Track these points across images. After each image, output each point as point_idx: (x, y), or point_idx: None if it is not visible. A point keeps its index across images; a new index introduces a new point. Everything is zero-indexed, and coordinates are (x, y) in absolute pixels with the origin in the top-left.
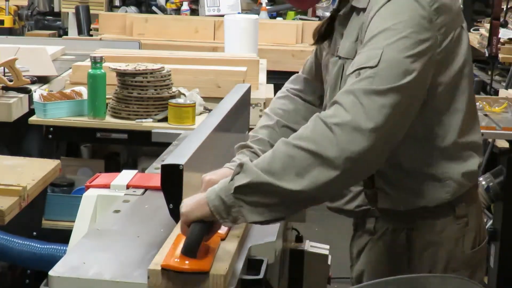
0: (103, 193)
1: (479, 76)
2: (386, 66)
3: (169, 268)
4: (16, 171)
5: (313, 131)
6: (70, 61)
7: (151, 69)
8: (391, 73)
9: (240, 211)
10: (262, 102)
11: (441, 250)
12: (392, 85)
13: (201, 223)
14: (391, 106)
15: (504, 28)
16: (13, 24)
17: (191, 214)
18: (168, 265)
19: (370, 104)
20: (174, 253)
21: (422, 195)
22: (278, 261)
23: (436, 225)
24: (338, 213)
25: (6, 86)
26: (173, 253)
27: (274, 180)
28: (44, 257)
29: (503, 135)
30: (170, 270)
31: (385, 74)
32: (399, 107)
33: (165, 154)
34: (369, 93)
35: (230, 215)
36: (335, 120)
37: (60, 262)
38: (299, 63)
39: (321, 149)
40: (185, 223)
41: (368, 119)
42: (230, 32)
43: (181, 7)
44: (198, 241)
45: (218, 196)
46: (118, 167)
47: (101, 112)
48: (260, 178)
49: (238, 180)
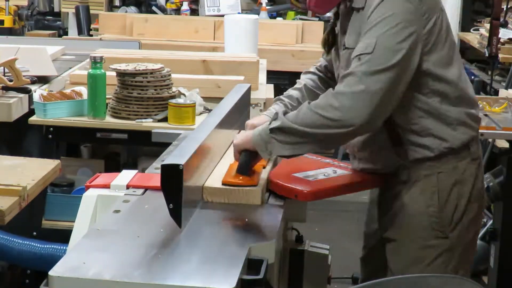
0: (103, 193)
1: (479, 76)
2: (380, 51)
3: (228, 183)
4: (16, 171)
5: (324, 101)
6: (70, 61)
7: (151, 69)
8: (384, 56)
9: (273, 146)
10: (262, 102)
11: (465, 187)
12: (386, 65)
13: (249, 152)
14: (386, 80)
15: (504, 28)
16: (13, 24)
17: (240, 146)
18: (227, 181)
19: (368, 80)
20: (231, 173)
21: (446, 138)
22: (278, 261)
23: (458, 167)
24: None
25: (6, 86)
26: (230, 173)
27: (296, 126)
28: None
29: (503, 135)
30: (229, 184)
31: (380, 57)
32: (392, 81)
33: (165, 154)
34: (368, 73)
35: (267, 148)
36: (340, 92)
37: (60, 262)
38: (299, 63)
39: (329, 114)
40: (237, 152)
41: (366, 91)
42: (230, 32)
43: (181, 7)
44: (248, 163)
45: (259, 134)
46: (118, 167)
47: (101, 112)
48: (286, 123)
49: (272, 124)
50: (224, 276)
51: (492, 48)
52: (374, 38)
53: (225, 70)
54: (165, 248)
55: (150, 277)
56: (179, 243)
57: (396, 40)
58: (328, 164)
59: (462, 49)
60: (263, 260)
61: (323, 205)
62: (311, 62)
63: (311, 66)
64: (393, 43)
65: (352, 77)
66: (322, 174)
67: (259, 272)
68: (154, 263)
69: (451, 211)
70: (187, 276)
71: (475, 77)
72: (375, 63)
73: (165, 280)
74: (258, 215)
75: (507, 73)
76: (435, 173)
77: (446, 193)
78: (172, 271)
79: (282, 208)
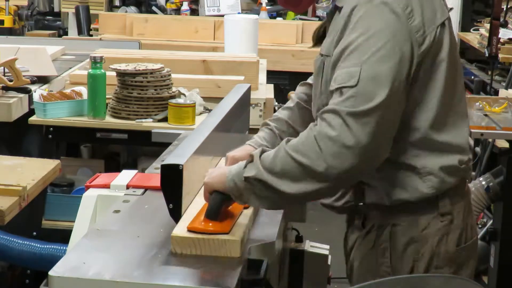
0: (103, 193)
1: (479, 76)
2: (365, 84)
3: (194, 229)
4: (16, 171)
5: (304, 145)
6: (70, 61)
7: (151, 69)
8: (371, 91)
9: (248, 197)
10: (262, 102)
11: (424, 247)
12: (374, 104)
13: (221, 194)
14: (375, 123)
15: (504, 28)
16: (13, 24)
17: (212, 186)
18: (193, 227)
19: (355, 124)
20: (199, 218)
21: (405, 188)
22: (278, 261)
23: (419, 221)
24: (330, 210)
25: (6, 86)
26: (198, 218)
27: (273, 180)
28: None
29: (503, 135)
30: (195, 231)
31: (365, 92)
32: (382, 123)
33: (165, 154)
34: (353, 114)
35: (242, 196)
36: (323, 137)
37: (60, 262)
38: (299, 63)
39: (310, 163)
40: (206, 191)
41: (354, 137)
42: (230, 32)
43: (181, 7)
44: (219, 207)
45: (233, 179)
46: (118, 167)
47: (101, 112)
48: (262, 175)
49: (247, 171)
50: (224, 276)
51: (492, 48)
52: (357, 67)
53: (225, 70)
54: (165, 248)
55: (150, 277)
56: None
57: (384, 67)
58: None
59: (462, 49)
60: (263, 260)
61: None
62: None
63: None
64: (380, 71)
65: (335, 117)
66: None
67: (259, 272)
68: (154, 263)
69: (406, 274)
70: (187, 276)
71: (475, 77)
72: (361, 100)
73: (165, 280)
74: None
75: (507, 73)
76: (389, 224)
77: (399, 251)
78: (172, 271)
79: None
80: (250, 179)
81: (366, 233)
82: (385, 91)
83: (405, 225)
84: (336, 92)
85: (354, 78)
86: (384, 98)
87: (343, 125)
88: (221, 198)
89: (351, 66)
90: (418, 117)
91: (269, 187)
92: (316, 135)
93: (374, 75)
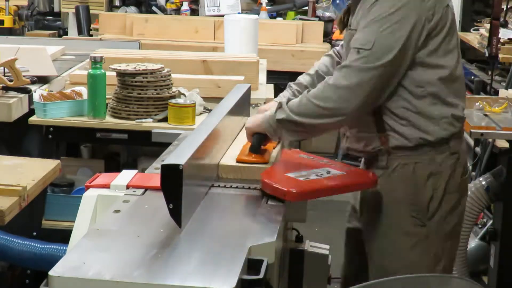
0: (103, 193)
1: (479, 76)
2: (377, 49)
3: (242, 161)
4: (16, 171)
5: (323, 92)
6: (70, 61)
7: (151, 69)
8: (381, 53)
9: (281, 133)
10: (262, 102)
11: (441, 178)
12: (381, 62)
13: (260, 134)
14: (380, 75)
15: (504, 28)
16: (13, 24)
17: (252, 129)
18: (242, 159)
19: (363, 75)
20: (244, 152)
21: (426, 131)
22: (278, 261)
23: (436, 159)
24: (357, 154)
25: (6, 86)
26: (243, 152)
27: (299, 118)
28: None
29: (503, 135)
30: (242, 162)
31: (377, 53)
32: (385, 76)
33: (165, 154)
34: (364, 69)
35: (276, 134)
36: (337, 84)
37: (60, 262)
38: (299, 63)
39: (324, 104)
40: (249, 134)
41: (360, 84)
42: (230, 32)
43: (181, 7)
44: (260, 144)
45: (268, 121)
46: (118, 167)
47: (101, 112)
48: (290, 116)
49: (277, 114)
50: (224, 276)
51: (492, 48)
52: (373, 35)
53: (225, 70)
54: (165, 248)
55: (150, 277)
56: (179, 243)
57: (394, 38)
58: (324, 165)
59: (462, 49)
60: (263, 260)
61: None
62: (311, 62)
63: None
64: (391, 41)
65: (348, 70)
66: (315, 174)
67: (259, 272)
68: (154, 263)
69: (426, 201)
70: (187, 276)
71: (475, 77)
72: (371, 59)
73: (165, 280)
74: (258, 215)
75: (507, 73)
76: (412, 163)
77: (422, 183)
78: (172, 271)
79: (282, 208)
80: (281, 120)
81: (392, 170)
82: (391, 56)
83: (425, 163)
84: (353, 51)
85: (369, 43)
86: (389, 59)
87: (355, 76)
88: (261, 138)
89: (370, 32)
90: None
91: (297, 124)
92: (331, 83)
93: (385, 43)
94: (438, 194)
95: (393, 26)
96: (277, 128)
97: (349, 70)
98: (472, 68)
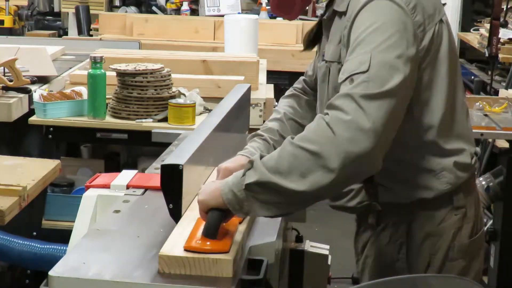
0: (103, 193)
1: (479, 76)
2: (377, 69)
3: (191, 249)
4: (16, 171)
5: (315, 132)
6: (70, 61)
7: (151, 69)
8: (383, 75)
9: (251, 206)
10: (262, 102)
11: (440, 240)
12: (387, 88)
13: (219, 211)
14: (389, 106)
15: (504, 28)
16: (13, 24)
17: (207, 202)
18: (190, 246)
19: (369, 107)
20: (195, 236)
21: (421, 187)
22: (278, 261)
23: (435, 216)
24: (341, 211)
25: (6, 86)
26: (194, 236)
27: (279, 180)
28: (44, 257)
29: (503, 135)
30: (192, 251)
31: (378, 77)
32: (395, 106)
33: (165, 154)
34: (367, 97)
35: (243, 208)
36: (337, 122)
37: (60, 262)
38: (299, 63)
39: (322, 149)
40: (202, 210)
41: (368, 120)
42: (230, 32)
43: (181, 7)
44: (217, 224)
45: (231, 190)
46: (118, 167)
47: (101, 112)
48: (267, 177)
49: (248, 177)
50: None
51: (492, 48)
52: (367, 54)
53: (225, 70)
54: None
55: (150, 277)
56: None
57: (394, 54)
58: None
59: (462, 49)
60: (263, 260)
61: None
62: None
63: (290, 89)
64: (391, 57)
65: (347, 101)
66: None
67: (259, 272)
68: (154, 263)
69: (422, 268)
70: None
71: (475, 77)
72: (373, 85)
73: (165, 280)
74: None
75: (507, 73)
76: (405, 221)
77: (416, 246)
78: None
79: None
80: (252, 186)
81: (382, 230)
82: (400, 76)
83: (421, 221)
84: (345, 82)
85: (364, 64)
86: (399, 82)
87: (357, 108)
88: (219, 215)
89: (360, 54)
90: (427, 118)
91: (275, 190)
92: (329, 121)
93: (385, 60)
94: (437, 260)
95: (391, 39)
96: (246, 199)
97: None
98: (472, 68)
